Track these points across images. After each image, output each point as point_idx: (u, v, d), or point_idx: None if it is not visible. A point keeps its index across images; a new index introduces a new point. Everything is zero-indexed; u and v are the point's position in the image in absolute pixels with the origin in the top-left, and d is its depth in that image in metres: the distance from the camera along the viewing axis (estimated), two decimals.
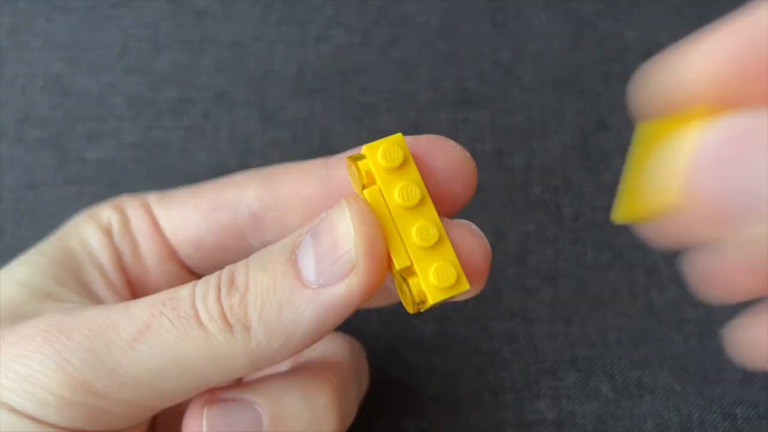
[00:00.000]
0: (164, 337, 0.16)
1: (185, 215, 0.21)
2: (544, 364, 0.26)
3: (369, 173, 0.17)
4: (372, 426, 0.24)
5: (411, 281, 0.16)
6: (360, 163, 0.17)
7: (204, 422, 0.18)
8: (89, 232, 0.21)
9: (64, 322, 0.17)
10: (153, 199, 0.21)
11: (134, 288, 0.21)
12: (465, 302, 0.27)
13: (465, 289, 0.17)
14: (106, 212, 0.21)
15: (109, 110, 0.30)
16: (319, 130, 0.30)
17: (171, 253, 0.21)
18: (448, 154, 0.18)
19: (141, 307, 0.17)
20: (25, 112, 0.30)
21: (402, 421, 0.25)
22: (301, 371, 0.20)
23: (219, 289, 0.17)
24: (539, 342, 0.26)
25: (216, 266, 0.21)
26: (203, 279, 0.17)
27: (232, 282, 0.17)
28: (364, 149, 0.17)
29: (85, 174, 0.29)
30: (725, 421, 0.25)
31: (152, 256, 0.21)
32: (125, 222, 0.21)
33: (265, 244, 0.20)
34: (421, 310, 0.17)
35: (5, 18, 0.32)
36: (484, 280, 0.18)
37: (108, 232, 0.21)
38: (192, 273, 0.22)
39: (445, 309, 0.27)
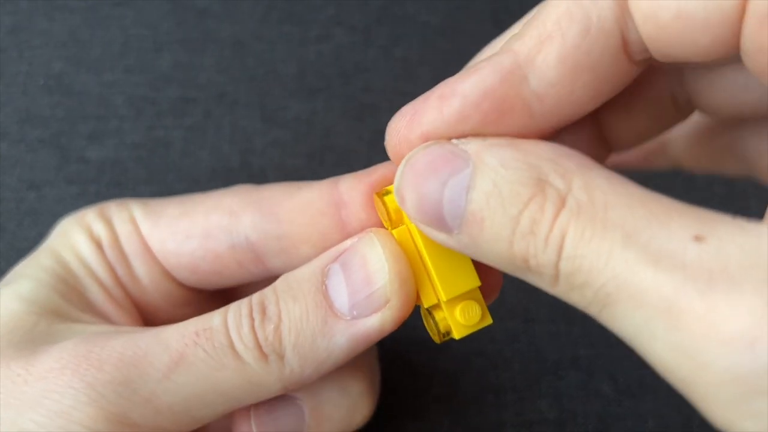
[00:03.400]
0: (200, 368, 0.17)
1: (178, 243, 0.20)
2: (545, 364, 0.26)
3: (397, 211, 0.17)
4: (374, 427, 0.24)
5: (437, 316, 0.17)
6: (387, 200, 0.17)
7: (252, 420, 0.19)
8: (82, 244, 0.20)
9: (92, 353, 0.17)
10: (139, 213, 0.21)
11: (135, 303, 0.21)
12: None
13: (488, 323, 0.17)
14: (96, 225, 0.21)
15: (111, 110, 0.30)
16: (321, 130, 0.30)
17: (165, 272, 0.21)
18: None
19: (173, 336, 0.17)
20: (26, 112, 0.30)
21: (404, 421, 0.25)
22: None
23: (252, 318, 0.17)
24: (541, 342, 0.26)
25: (215, 286, 0.21)
26: (233, 307, 0.18)
27: (263, 311, 0.17)
28: (392, 187, 0.17)
29: (87, 174, 0.29)
30: None
31: (146, 275, 0.21)
32: (114, 238, 0.20)
33: (266, 272, 0.20)
34: (446, 340, 0.18)
35: (6, 17, 0.32)
36: (497, 294, 0.19)
37: (100, 245, 0.20)
38: (190, 289, 0.21)
39: None
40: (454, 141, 0.16)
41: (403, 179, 0.16)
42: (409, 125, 0.17)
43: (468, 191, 0.14)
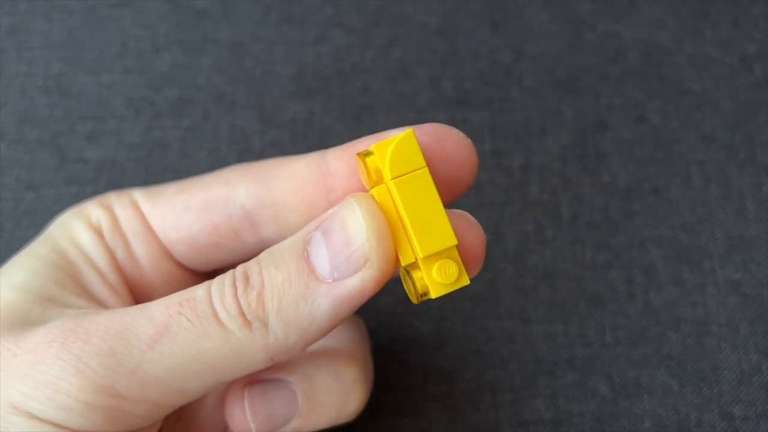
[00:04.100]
0: (184, 337, 0.17)
1: (176, 216, 0.21)
2: (542, 364, 0.26)
3: (377, 171, 0.17)
4: (371, 425, 0.24)
5: (415, 275, 0.17)
6: (368, 161, 0.17)
7: (246, 402, 0.19)
8: (80, 232, 0.21)
9: (80, 327, 0.17)
10: (140, 196, 0.21)
11: (132, 288, 0.21)
12: (463, 302, 0.27)
13: (465, 284, 0.17)
14: (95, 211, 0.21)
15: (109, 110, 0.30)
16: (319, 131, 0.30)
17: (165, 251, 0.21)
18: (454, 142, 0.19)
19: (157, 308, 0.17)
20: (24, 113, 0.30)
21: (400, 420, 0.25)
22: (330, 350, 0.21)
23: (235, 287, 0.17)
24: (537, 342, 0.26)
25: (211, 264, 0.22)
26: (217, 279, 0.18)
27: (246, 280, 0.17)
28: (373, 148, 0.17)
29: (85, 174, 0.29)
30: (723, 420, 0.25)
31: (146, 255, 0.21)
32: (115, 222, 0.21)
33: (261, 242, 0.21)
34: (424, 300, 0.18)
35: (5, 18, 0.32)
36: (480, 267, 0.19)
37: (99, 232, 0.21)
38: (188, 270, 0.22)
39: (444, 309, 0.27)
40: None
41: None
42: None
43: None
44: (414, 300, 0.18)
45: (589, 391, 0.26)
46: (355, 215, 0.17)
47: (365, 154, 0.17)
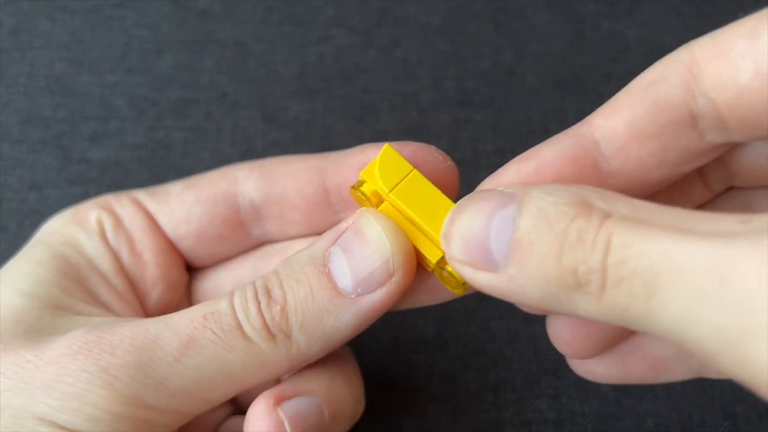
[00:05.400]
0: (210, 349, 0.17)
1: (187, 209, 0.22)
2: (544, 364, 0.26)
3: (375, 193, 0.18)
4: (373, 426, 0.24)
5: (449, 268, 0.18)
6: (363, 189, 0.18)
7: (281, 413, 0.20)
8: (81, 238, 0.21)
9: (103, 339, 0.17)
10: (143, 195, 0.22)
11: (135, 288, 0.21)
12: (466, 302, 0.27)
13: None
14: (93, 214, 0.21)
15: (112, 111, 0.30)
16: (321, 131, 0.30)
17: (168, 246, 0.22)
18: (432, 164, 0.19)
19: (182, 321, 0.18)
20: (27, 113, 0.30)
21: (403, 420, 0.25)
22: (338, 362, 0.21)
23: (258, 301, 0.18)
24: (540, 341, 0.26)
25: (215, 256, 0.23)
26: (238, 291, 0.18)
27: (268, 294, 0.18)
28: (361, 175, 0.18)
29: (88, 174, 0.29)
30: (726, 420, 0.25)
31: (150, 251, 0.21)
32: (117, 221, 0.21)
33: (264, 234, 0.22)
34: (468, 289, 0.18)
35: (8, 18, 0.32)
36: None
37: (101, 236, 0.21)
38: (187, 266, 0.23)
39: (447, 309, 0.27)
40: (501, 188, 0.16)
41: (450, 222, 0.16)
42: (487, 185, 0.17)
43: (514, 221, 0.15)
44: (458, 291, 0.18)
45: (592, 391, 0.26)
46: (375, 231, 0.18)
47: (358, 185, 0.18)
